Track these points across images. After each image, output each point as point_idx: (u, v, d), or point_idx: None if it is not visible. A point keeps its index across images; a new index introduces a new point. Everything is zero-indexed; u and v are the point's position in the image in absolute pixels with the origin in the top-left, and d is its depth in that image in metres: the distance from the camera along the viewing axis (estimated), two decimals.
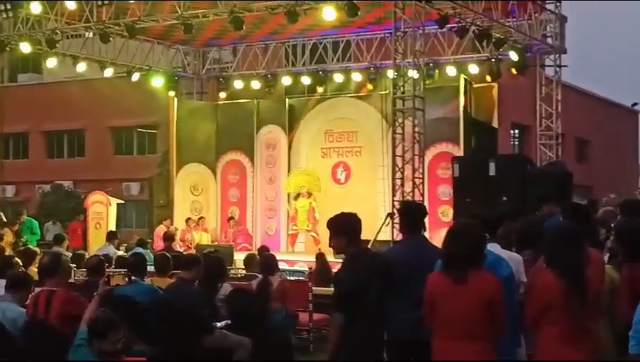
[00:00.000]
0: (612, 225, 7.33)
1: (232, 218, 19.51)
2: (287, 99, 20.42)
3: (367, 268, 5.59)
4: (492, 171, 13.09)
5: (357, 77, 20.04)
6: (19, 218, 17.73)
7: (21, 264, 9.23)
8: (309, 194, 18.39)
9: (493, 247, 5.59)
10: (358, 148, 18.93)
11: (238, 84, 21.12)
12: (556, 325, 4.89)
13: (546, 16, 18.12)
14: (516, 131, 30.36)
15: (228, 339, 7.45)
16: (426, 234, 6.76)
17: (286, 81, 20.76)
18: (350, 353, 5.46)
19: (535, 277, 5.24)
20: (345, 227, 5.75)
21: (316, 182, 18.63)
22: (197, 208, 20.24)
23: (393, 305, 5.74)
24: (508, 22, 16.61)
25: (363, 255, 5.76)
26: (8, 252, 12.39)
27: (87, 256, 10.83)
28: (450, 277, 4.95)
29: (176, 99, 20.57)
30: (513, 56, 17.18)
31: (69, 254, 11.22)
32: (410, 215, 6.33)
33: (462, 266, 4.92)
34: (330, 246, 5.88)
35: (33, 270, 8.84)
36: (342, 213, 5.89)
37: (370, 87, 19.73)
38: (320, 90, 20.32)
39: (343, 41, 19.94)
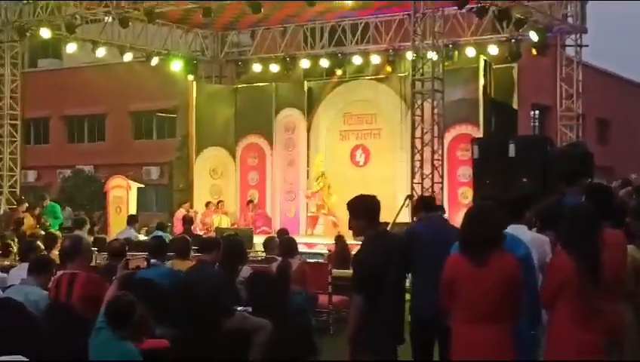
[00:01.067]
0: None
1: (251, 201, 19.55)
2: (305, 82, 20.38)
3: (386, 249, 5.60)
4: (512, 152, 12.98)
5: (376, 59, 19.96)
6: (41, 202, 17.86)
7: (43, 247, 9.32)
8: (322, 173, 18.76)
9: (520, 229, 5.55)
10: (377, 130, 18.89)
11: (257, 68, 21.10)
12: (570, 306, 4.87)
13: None
14: (536, 112, 30.14)
15: (248, 322, 7.47)
16: (446, 215, 6.75)
17: (304, 64, 20.71)
18: (371, 334, 5.47)
19: (552, 258, 5.23)
20: (364, 209, 5.76)
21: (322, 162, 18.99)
22: (216, 191, 20.31)
23: (414, 286, 5.73)
24: (528, 1, 16.45)
25: (382, 236, 5.77)
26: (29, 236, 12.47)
27: (108, 240, 10.91)
28: (470, 259, 4.92)
29: (195, 83, 20.62)
30: (533, 36, 17.03)
31: (91, 238, 11.31)
32: (423, 204, 6.31)
33: (482, 248, 4.90)
34: (349, 228, 5.89)
35: (55, 253, 8.91)
36: (361, 195, 5.90)
37: (389, 69, 19.66)
38: (339, 72, 20.29)
39: (361, 23, 19.85)
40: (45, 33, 18.32)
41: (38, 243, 9.08)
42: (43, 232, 11.93)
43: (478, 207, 5.31)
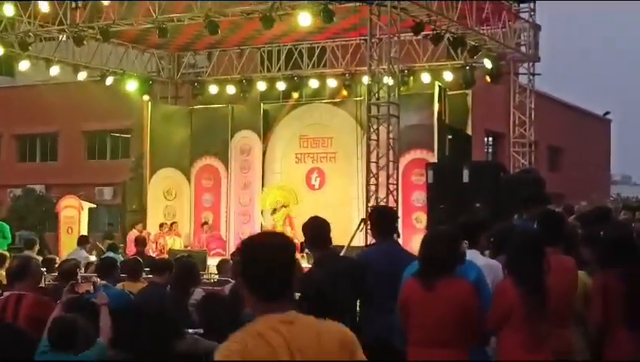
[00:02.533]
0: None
1: (205, 223, 19.43)
2: (262, 105, 20.39)
3: (335, 270, 5.59)
4: (466, 178, 13.10)
5: (332, 83, 20.08)
6: None
7: None
8: (283, 206, 18.34)
9: (473, 254, 5.59)
10: (333, 153, 18.94)
11: (213, 89, 21.05)
12: (517, 331, 4.92)
13: (520, 25, 18.30)
14: (490, 139, 30.55)
15: (200, 344, 7.36)
16: (400, 240, 6.76)
17: (261, 86, 20.74)
18: None
19: (498, 284, 5.28)
20: (312, 231, 5.78)
21: (293, 196, 18.58)
22: (170, 213, 20.14)
23: (364, 310, 5.72)
24: (482, 30, 16.72)
25: (329, 257, 5.77)
26: None
27: (58, 261, 10.71)
28: (420, 283, 4.95)
29: (150, 103, 20.47)
30: (487, 63, 17.30)
31: (40, 258, 11.10)
32: (381, 220, 6.34)
33: (430, 273, 4.93)
34: (300, 251, 5.90)
35: (2, 274, 8.74)
36: (311, 217, 5.91)
37: (345, 93, 19.78)
38: (295, 95, 20.34)
39: (318, 47, 19.96)
40: None
41: None
42: None
43: (434, 231, 5.36)
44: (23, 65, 18.93)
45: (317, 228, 5.85)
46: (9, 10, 16.93)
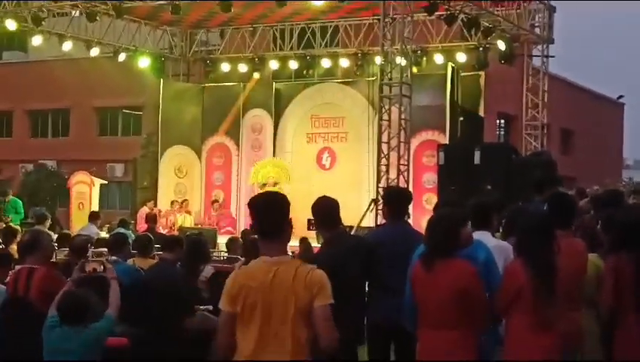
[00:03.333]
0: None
1: (216, 201, 19.46)
2: (274, 83, 20.34)
3: (345, 249, 5.60)
4: (477, 160, 13.06)
5: (344, 62, 20.00)
6: (4, 198, 17.57)
7: (1, 242, 9.18)
8: (275, 184, 18.19)
9: (484, 235, 5.58)
10: (344, 133, 18.91)
11: (225, 67, 21.01)
12: (525, 313, 4.92)
13: (535, 6, 18.14)
14: (502, 121, 30.41)
15: (210, 321, 7.40)
16: (410, 221, 6.75)
17: (273, 65, 20.67)
18: None
19: (507, 266, 5.27)
20: (321, 211, 5.78)
21: (285, 173, 18.58)
22: (181, 190, 20.18)
23: (373, 291, 5.74)
24: (496, 11, 16.60)
25: (340, 237, 5.77)
26: None
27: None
28: (425, 266, 4.96)
29: (162, 80, 20.47)
30: (501, 45, 17.19)
31: (52, 233, 11.15)
32: (394, 201, 6.33)
33: (432, 255, 4.94)
34: (308, 228, 5.92)
35: (14, 248, 8.78)
36: (320, 197, 5.92)
37: (357, 72, 19.69)
38: (307, 74, 20.26)
39: (331, 26, 19.86)
40: (11, 25, 18.04)
41: None
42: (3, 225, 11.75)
43: (437, 214, 5.36)
44: (36, 41, 18.92)
45: (326, 208, 5.84)
46: None
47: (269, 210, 4.11)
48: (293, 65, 20.40)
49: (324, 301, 4.01)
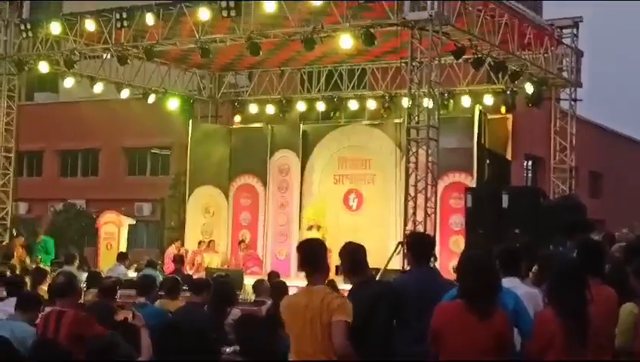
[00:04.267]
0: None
1: (242, 241, 19.51)
2: (301, 125, 20.49)
3: (372, 296, 5.57)
4: (505, 203, 13.05)
5: (372, 104, 20.11)
6: (35, 237, 17.77)
7: (30, 283, 9.24)
8: (319, 227, 18.26)
9: (513, 282, 5.53)
10: (371, 175, 18.94)
11: (253, 109, 21.21)
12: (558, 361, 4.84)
13: (563, 50, 18.18)
14: (529, 163, 30.28)
15: None
16: (437, 264, 6.71)
17: (301, 106, 20.84)
18: None
19: (538, 313, 5.20)
20: (348, 257, 5.77)
21: (321, 212, 18.58)
22: (208, 231, 20.27)
23: (401, 337, 5.68)
24: (524, 55, 16.64)
25: (368, 283, 5.75)
26: (19, 269, 12.41)
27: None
28: (470, 310, 4.87)
29: (191, 121, 20.69)
30: (529, 88, 17.22)
31: (82, 274, 11.24)
32: (418, 245, 6.30)
33: (484, 300, 4.85)
34: (336, 273, 5.93)
35: (43, 289, 8.86)
36: (348, 242, 5.90)
37: (384, 115, 19.78)
38: (334, 116, 20.39)
39: (358, 69, 20.02)
40: (44, 67, 18.43)
41: (25, 279, 9.00)
42: (33, 266, 11.85)
43: (477, 256, 5.24)
44: (68, 83, 19.28)
45: (353, 254, 5.83)
46: (56, 28, 17.27)
47: (305, 253, 5.34)
48: (321, 107, 20.57)
49: (339, 317, 4.94)
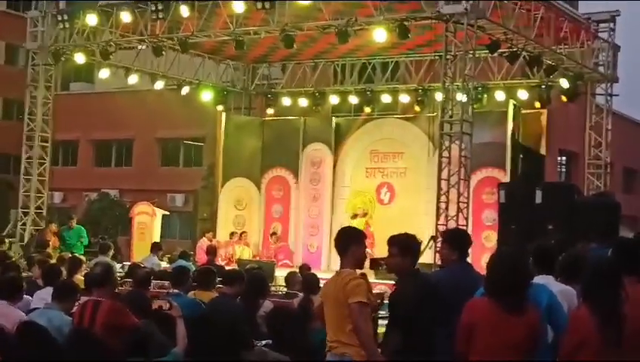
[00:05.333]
0: None
1: (274, 233, 19.59)
2: (333, 118, 20.49)
3: (419, 293, 5.58)
4: (538, 199, 12.95)
5: (404, 98, 20.04)
6: (69, 222, 17.96)
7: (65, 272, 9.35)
8: (365, 214, 18.46)
9: (547, 279, 5.51)
10: (403, 169, 18.90)
11: (286, 101, 21.26)
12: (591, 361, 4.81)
13: (599, 45, 17.97)
14: (563, 158, 30.00)
15: (268, 356, 7.45)
16: (469, 259, 6.68)
17: (333, 99, 20.84)
18: None
19: (573, 312, 5.17)
20: (413, 248, 5.80)
21: (371, 203, 18.69)
22: (240, 222, 20.38)
23: (441, 334, 5.67)
24: (559, 49, 16.48)
25: (416, 277, 5.77)
26: (54, 258, 12.56)
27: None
28: (503, 306, 4.86)
29: (224, 113, 20.79)
30: (564, 83, 17.05)
31: (116, 264, 11.37)
32: (456, 243, 6.28)
33: (517, 296, 4.86)
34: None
35: (78, 278, 8.98)
36: (407, 233, 5.92)
37: (417, 108, 19.71)
38: (367, 109, 20.37)
39: (392, 62, 19.97)
40: (80, 58, 18.62)
41: (62, 268, 9.12)
42: (69, 255, 12.01)
43: (509, 253, 5.24)
44: (103, 74, 19.46)
45: (417, 246, 5.88)
46: (92, 19, 17.44)
47: (337, 237, 5.64)
48: (354, 100, 20.54)
49: (354, 299, 5.25)
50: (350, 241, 5.61)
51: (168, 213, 21.72)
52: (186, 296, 8.13)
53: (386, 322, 10.09)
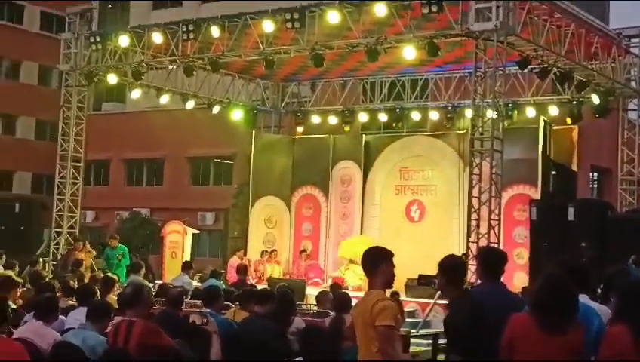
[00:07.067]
0: None
1: (304, 251, 19.59)
2: (363, 136, 20.51)
3: (470, 314, 5.57)
4: (571, 216, 12.88)
5: (434, 115, 20.01)
6: (110, 241, 18.11)
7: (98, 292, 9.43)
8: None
9: (583, 299, 5.47)
10: (433, 186, 18.84)
11: (316, 119, 21.32)
12: None
13: (630, 60, 17.84)
14: (595, 174, 29.72)
15: None
16: (501, 276, 6.64)
17: (363, 117, 20.87)
18: None
19: (609, 330, 5.13)
20: (450, 270, 5.81)
21: (358, 250, 18.08)
22: (270, 240, 20.41)
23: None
24: (590, 65, 16.37)
25: (466, 299, 5.76)
26: (87, 278, 12.68)
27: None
28: (543, 324, 4.87)
29: (254, 132, 20.90)
30: (595, 99, 16.92)
31: (148, 283, 11.43)
32: (491, 261, 6.23)
33: (560, 316, 4.86)
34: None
35: (112, 298, 9.05)
36: (449, 255, 5.99)
37: (447, 125, 19.66)
38: (396, 127, 20.35)
39: (421, 79, 19.97)
40: (112, 79, 18.85)
41: (96, 288, 9.19)
42: (102, 275, 12.10)
43: (557, 274, 5.22)
44: (135, 94, 19.69)
45: (456, 266, 5.89)
46: (124, 40, 17.67)
47: (365, 257, 5.62)
48: (383, 117, 20.55)
49: (380, 322, 5.19)
50: (380, 261, 5.54)
51: (199, 232, 21.81)
52: (218, 315, 8.16)
53: (419, 341, 10.11)
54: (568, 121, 17.79)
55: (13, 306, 8.13)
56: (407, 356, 6.72)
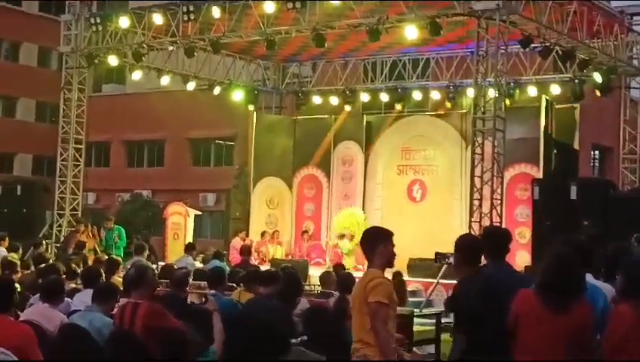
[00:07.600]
0: None
1: (306, 232, 19.61)
2: (364, 116, 20.47)
3: (483, 292, 5.57)
4: (573, 195, 12.88)
5: (436, 95, 19.97)
6: (106, 223, 18.12)
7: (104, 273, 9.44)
8: (352, 236, 17.88)
9: (587, 277, 5.48)
10: (435, 166, 18.84)
11: (317, 100, 21.27)
12: (633, 357, 4.78)
13: (633, 38, 17.78)
14: (596, 152, 29.70)
15: (305, 357, 7.47)
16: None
17: (364, 97, 20.82)
18: None
19: (615, 308, 5.15)
20: (466, 248, 5.85)
21: (359, 225, 18.16)
22: (272, 221, 20.43)
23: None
24: (592, 43, 16.31)
25: (479, 277, 5.77)
26: (91, 260, 12.70)
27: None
28: (550, 305, 4.89)
29: (255, 112, 20.86)
30: (597, 77, 16.87)
31: (151, 264, 11.43)
32: (497, 241, 6.23)
33: (564, 295, 4.87)
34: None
35: (117, 279, 9.06)
36: (465, 234, 6.04)
37: (448, 105, 19.62)
38: (398, 107, 20.31)
39: (422, 58, 19.90)
40: (113, 61, 18.79)
41: (101, 270, 9.21)
42: (106, 257, 12.12)
43: (564, 254, 5.21)
44: (136, 75, 19.61)
45: (472, 247, 5.91)
46: (124, 22, 17.59)
47: (364, 238, 5.65)
48: (384, 97, 20.50)
49: (373, 298, 5.25)
50: (378, 241, 5.55)
51: (201, 213, 21.81)
52: (223, 296, 8.18)
53: (422, 321, 10.13)
54: (570, 99, 17.75)
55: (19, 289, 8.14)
56: (398, 335, 6.71)
